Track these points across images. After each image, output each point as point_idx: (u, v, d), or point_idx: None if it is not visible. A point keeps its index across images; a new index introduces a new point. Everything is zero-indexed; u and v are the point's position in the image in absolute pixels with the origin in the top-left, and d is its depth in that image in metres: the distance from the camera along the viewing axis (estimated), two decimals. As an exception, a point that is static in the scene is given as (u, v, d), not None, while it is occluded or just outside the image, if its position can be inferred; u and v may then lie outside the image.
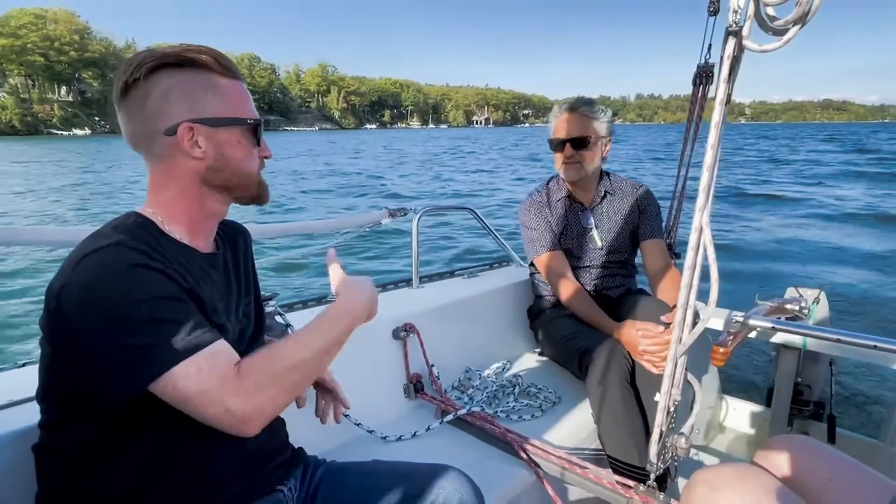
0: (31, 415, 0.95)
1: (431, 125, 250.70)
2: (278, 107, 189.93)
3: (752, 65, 0.87)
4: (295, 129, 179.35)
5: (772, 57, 0.84)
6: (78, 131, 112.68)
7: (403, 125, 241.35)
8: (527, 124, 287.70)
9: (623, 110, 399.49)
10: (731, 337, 1.65)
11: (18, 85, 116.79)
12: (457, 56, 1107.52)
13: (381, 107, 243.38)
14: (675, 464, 1.58)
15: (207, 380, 0.76)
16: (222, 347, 0.81)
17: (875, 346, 1.59)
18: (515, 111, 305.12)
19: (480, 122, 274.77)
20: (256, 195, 0.98)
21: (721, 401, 2.49)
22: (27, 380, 1.06)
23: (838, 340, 1.66)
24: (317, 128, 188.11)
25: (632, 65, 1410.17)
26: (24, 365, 1.35)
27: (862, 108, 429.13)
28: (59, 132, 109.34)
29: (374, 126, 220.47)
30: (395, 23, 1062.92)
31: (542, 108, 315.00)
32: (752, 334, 1.81)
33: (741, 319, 1.77)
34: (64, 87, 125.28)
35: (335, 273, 1.06)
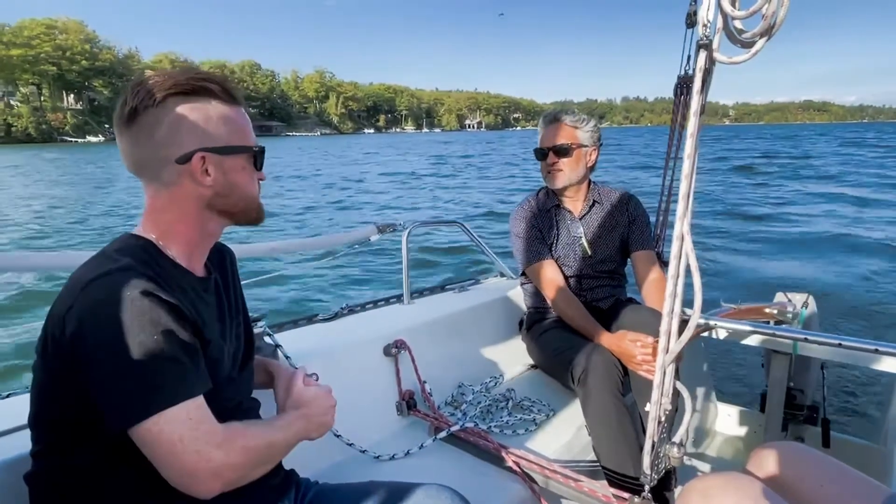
0: (21, 444, 0.93)
1: (426, 129, 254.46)
2: (279, 112, 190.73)
3: (734, 67, 0.88)
4: (297, 134, 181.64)
5: (754, 61, 0.85)
6: (92, 138, 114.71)
7: (398, 129, 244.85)
8: (518, 128, 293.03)
9: (610, 113, 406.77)
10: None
11: (29, 94, 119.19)
12: (446, 60, 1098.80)
13: (376, 112, 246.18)
14: (673, 474, 1.61)
15: (196, 427, 0.78)
16: (203, 402, 0.83)
17: (863, 349, 1.62)
18: (506, 115, 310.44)
19: (473, 126, 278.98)
20: (255, 217, 1.01)
21: (716, 408, 2.49)
22: (13, 410, 1.04)
23: (827, 344, 1.68)
24: (318, 133, 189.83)
25: (617, 68, 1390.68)
26: (7, 396, 1.30)
27: (841, 108, 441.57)
28: (73, 139, 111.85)
29: (371, 131, 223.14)
30: (383, 28, 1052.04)
31: (531, 112, 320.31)
32: (745, 339, 1.83)
33: (717, 322, 1.82)
34: (72, 96, 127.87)
35: (297, 381, 1.06)
